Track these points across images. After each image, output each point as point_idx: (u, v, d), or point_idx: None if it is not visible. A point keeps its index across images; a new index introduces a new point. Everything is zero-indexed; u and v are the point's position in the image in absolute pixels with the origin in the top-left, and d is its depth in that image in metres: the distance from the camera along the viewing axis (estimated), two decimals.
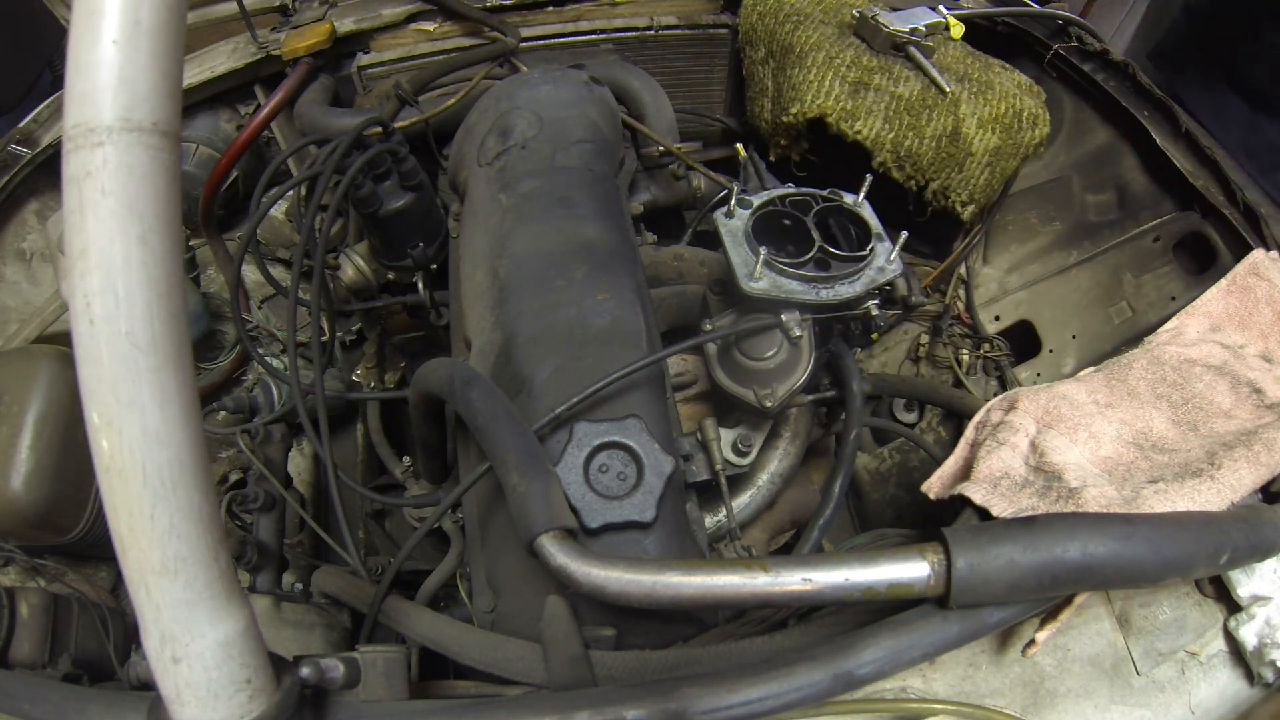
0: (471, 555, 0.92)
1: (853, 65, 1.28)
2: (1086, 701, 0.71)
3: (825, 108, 1.24)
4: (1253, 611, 0.73)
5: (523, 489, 0.68)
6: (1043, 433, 0.85)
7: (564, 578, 0.64)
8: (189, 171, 1.40)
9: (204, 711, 0.48)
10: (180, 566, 0.46)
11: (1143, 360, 0.94)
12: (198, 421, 0.47)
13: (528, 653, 0.71)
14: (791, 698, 0.60)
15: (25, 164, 1.35)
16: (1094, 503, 0.73)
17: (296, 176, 1.15)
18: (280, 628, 1.09)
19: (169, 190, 0.45)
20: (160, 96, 0.45)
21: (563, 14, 1.54)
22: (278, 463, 1.30)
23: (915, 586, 0.63)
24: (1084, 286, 1.31)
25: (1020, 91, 1.30)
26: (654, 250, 1.17)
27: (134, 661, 0.74)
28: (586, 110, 1.17)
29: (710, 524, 0.96)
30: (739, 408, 0.96)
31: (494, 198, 1.06)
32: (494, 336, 0.92)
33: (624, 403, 0.83)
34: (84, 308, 0.44)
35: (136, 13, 0.43)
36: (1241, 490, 0.74)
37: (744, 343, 0.93)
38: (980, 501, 0.77)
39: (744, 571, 0.62)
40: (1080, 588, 0.65)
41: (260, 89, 1.51)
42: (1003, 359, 1.29)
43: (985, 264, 1.34)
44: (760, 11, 1.42)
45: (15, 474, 1.06)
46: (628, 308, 0.91)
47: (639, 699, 0.59)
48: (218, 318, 1.51)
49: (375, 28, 1.47)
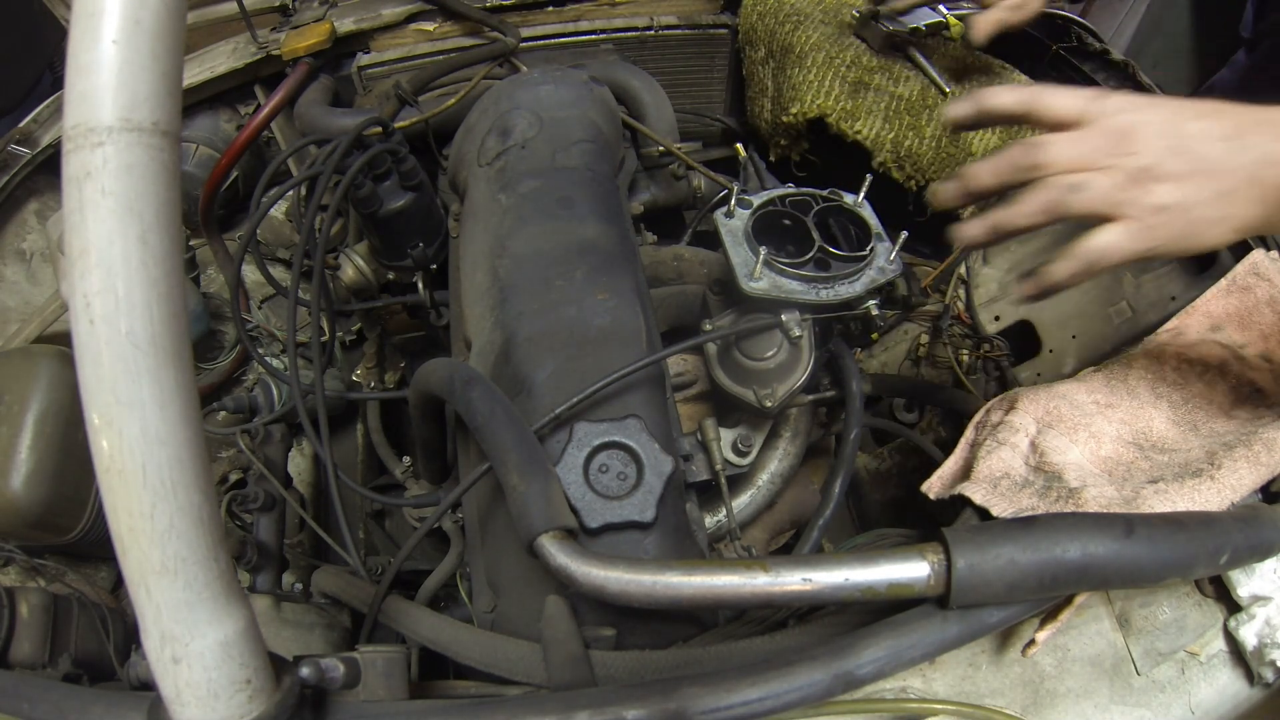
0: (471, 555, 0.92)
1: (853, 65, 1.28)
2: (1086, 701, 0.71)
3: (825, 108, 1.25)
4: (1253, 611, 0.73)
5: (523, 489, 0.68)
6: (1043, 433, 0.85)
7: (564, 578, 0.64)
8: (189, 171, 1.40)
9: (204, 711, 0.48)
10: (180, 566, 0.46)
11: (1143, 360, 0.94)
12: (198, 421, 0.47)
13: (528, 653, 0.71)
14: (791, 698, 0.60)
15: (25, 164, 1.35)
16: (1094, 503, 0.73)
17: (296, 176, 1.15)
18: (280, 628, 1.09)
19: (169, 190, 0.46)
20: (160, 96, 0.45)
21: (563, 14, 1.53)
22: (278, 463, 1.30)
23: (915, 586, 0.63)
24: (1084, 286, 1.31)
25: None
26: (654, 250, 1.17)
27: (134, 661, 0.74)
28: (586, 110, 1.17)
29: (710, 524, 0.96)
30: (739, 408, 0.96)
31: (494, 198, 1.06)
32: (494, 336, 0.92)
33: (624, 403, 0.83)
34: (84, 308, 0.44)
35: (136, 13, 0.43)
36: (1241, 490, 0.74)
37: (744, 343, 0.93)
38: (980, 501, 0.77)
39: (744, 571, 0.62)
40: (1080, 588, 0.65)
41: (260, 89, 1.51)
42: (1003, 359, 1.29)
43: (985, 264, 1.34)
44: (760, 11, 1.42)
45: (15, 474, 1.06)
46: (628, 308, 0.91)
47: (639, 699, 0.59)
48: (218, 318, 1.51)
49: (375, 28, 1.47)
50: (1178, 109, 0.70)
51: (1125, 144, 0.69)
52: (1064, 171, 0.70)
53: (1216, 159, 0.68)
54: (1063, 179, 0.70)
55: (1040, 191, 0.71)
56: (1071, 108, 0.72)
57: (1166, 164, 0.68)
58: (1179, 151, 0.68)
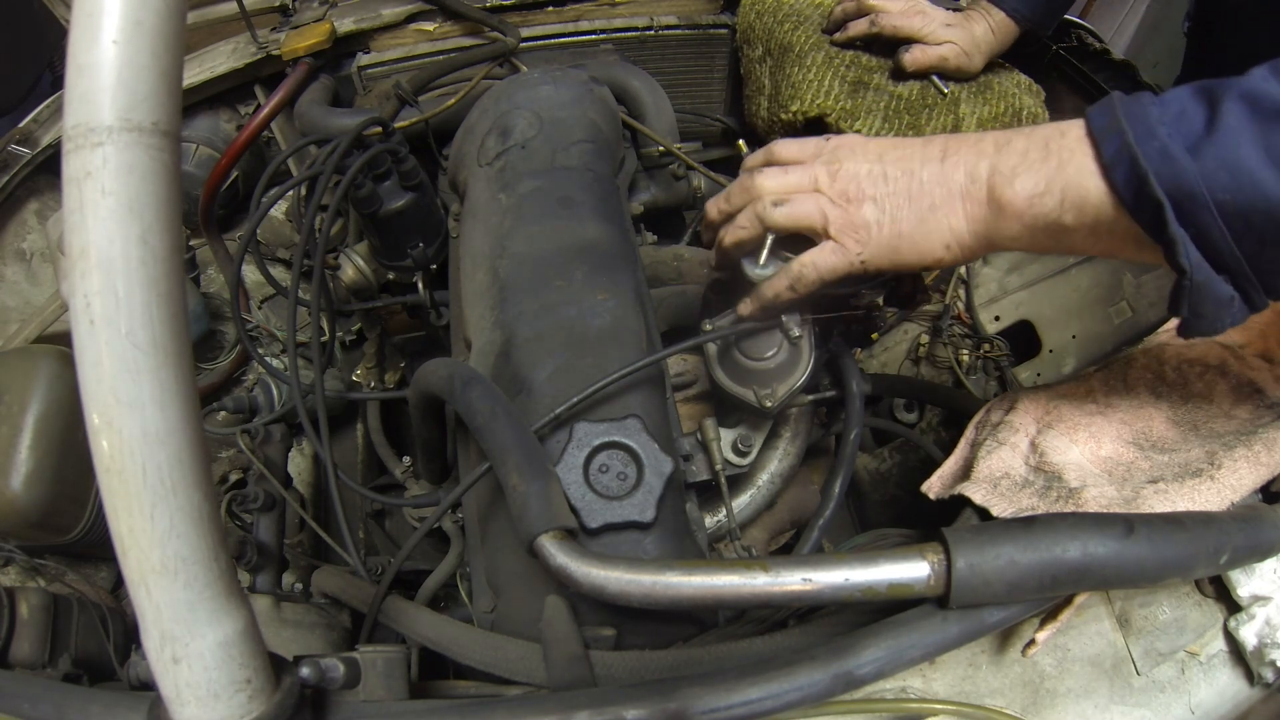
0: (471, 555, 0.92)
1: (852, 64, 1.28)
2: (1086, 701, 0.71)
3: (825, 107, 1.24)
4: (1253, 611, 0.73)
5: (522, 489, 0.68)
6: (1043, 433, 0.85)
7: (564, 578, 0.64)
8: (189, 171, 1.40)
9: (204, 711, 0.48)
10: (180, 566, 0.46)
11: (1143, 360, 0.94)
12: (198, 421, 0.47)
13: (528, 653, 0.71)
14: (791, 698, 0.60)
15: (25, 164, 1.35)
16: (1094, 503, 0.73)
17: (296, 176, 1.15)
18: (280, 628, 1.09)
19: (169, 190, 0.46)
20: (160, 96, 0.45)
21: (563, 14, 1.53)
22: (278, 463, 1.30)
23: (915, 586, 0.63)
24: (1084, 286, 1.31)
25: (1020, 90, 1.30)
26: (654, 250, 1.17)
27: (134, 661, 0.74)
28: (586, 110, 1.17)
29: (710, 524, 0.96)
30: (739, 408, 0.96)
31: (494, 198, 1.06)
32: (494, 336, 0.92)
33: (624, 403, 0.83)
34: (84, 308, 0.44)
35: (136, 13, 0.43)
36: (1241, 490, 0.74)
37: (744, 343, 0.93)
38: (980, 501, 0.77)
39: (744, 571, 0.62)
40: (1080, 588, 0.65)
41: (260, 89, 1.51)
42: (1003, 359, 1.29)
43: (985, 264, 1.34)
44: (758, 10, 1.42)
45: (15, 474, 1.06)
46: (628, 308, 0.91)
47: (639, 699, 0.59)
48: (218, 318, 1.51)
49: (375, 28, 1.47)
50: (886, 143, 0.78)
51: (832, 170, 0.77)
52: (777, 194, 0.79)
53: (919, 180, 0.73)
54: (769, 197, 0.79)
55: (749, 207, 0.81)
56: (796, 151, 0.81)
57: (868, 186, 0.75)
58: (881, 176, 0.75)
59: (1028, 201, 0.68)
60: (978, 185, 0.71)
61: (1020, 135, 0.70)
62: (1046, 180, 0.67)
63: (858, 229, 0.75)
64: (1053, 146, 0.67)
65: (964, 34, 1.26)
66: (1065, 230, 0.68)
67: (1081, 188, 0.65)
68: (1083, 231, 0.67)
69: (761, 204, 0.79)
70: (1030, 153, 0.68)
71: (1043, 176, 0.67)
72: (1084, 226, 0.67)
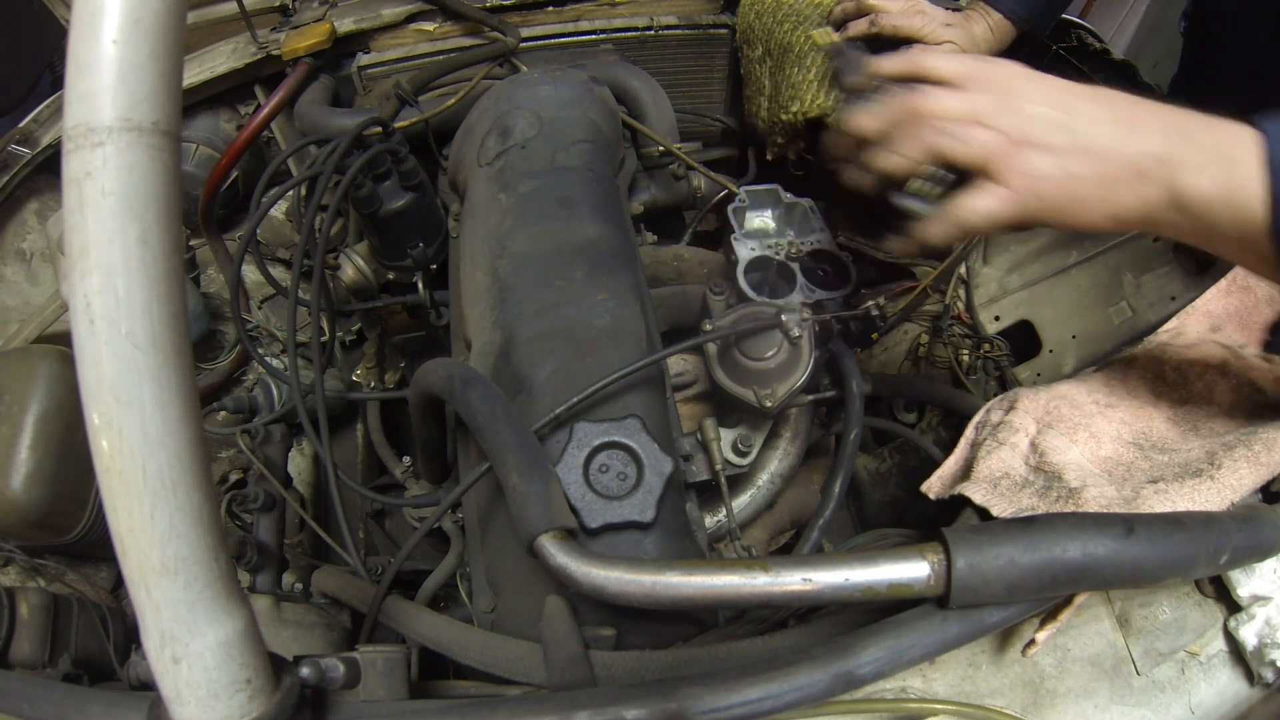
0: (471, 555, 0.92)
1: None
2: (1086, 701, 0.71)
3: (826, 107, 1.24)
4: (1253, 611, 0.73)
5: (522, 489, 0.68)
6: (1043, 433, 0.85)
7: (564, 578, 0.64)
8: (189, 171, 1.40)
9: (204, 711, 0.48)
10: (180, 566, 0.46)
11: (1143, 360, 0.94)
12: (198, 421, 0.47)
13: (528, 653, 0.71)
14: (791, 698, 0.60)
15: (25, 164, 1.35)
16: (1094, 503, 0.73)
17: (296, 176, 1.15)
18: (280, 628, 1.09)
19: (169, 190, 0.45)
20: (160, 96, 0.45)
21: (563, 14, 1.53)
22: (278, 463, 1.30)
23: (915, 586, 0.63)
24: (1084, 286, 1.31)
25: None
26: (654, 250, 1.17)
27: (134, 661, 0.74)
28: (586, 110, 1.17)
29: (710, 524, 0.96)
30: (739, 408, 0.96)
31: (494, 198, 1.06)
32: (494, 336, 0.92)
33: (624, 403, 0.83)
34: (84, 308, 0.44)
35: (136, 13, 0.43)
36: (1241, 490, 0.74)
37: (744, 343, 0.93)
38: (980, 501, 0.77)
39: (744, 571, 0.62)
40: (1080, 588, 0.65)
41: (260, 89, 1.51)
42: (1003, 359, 1.29)
43: (985, 264, 1.34)
44: (758, 11, 1.42)
45: (15, 474, 1.06)
46: (628, 308, 0.91)
47: (639, 699, 0.59)
48: (218, 318, 1.51)
49: (375, 28, 1.47)
50: (1067, 86, 0.71)
51: (1010, 106, 0.69)
52: (947, 120, 0.70)
53: (1101, 141, 0.68)
54: (946, 123, 0.70)
55: (922, 130, 0.71)
56: (957, 70, 0.72)
57: (1049, 134, 0.68)
58: (1063, 125, 0.68)
59: (1203, 204, 0.66)
60: (1163, 168, 0.67)
61: (1200, 127, 0.67)
62: (1224, 189, 0.65)
63: (1033, 180, 0.69)
64: (1229, 153, 0.65)
65: (963, 34, 1.26)
66: (1223, 239, 0.67)
67: (1248, 208, 0.64)
68: (1234, 245, 0.67)
69: (938, 131, 0.71)
70: (1214, 152, 0.66)
71: (1220, 183, 0.65)
72: (1236, 240, 0.67)
